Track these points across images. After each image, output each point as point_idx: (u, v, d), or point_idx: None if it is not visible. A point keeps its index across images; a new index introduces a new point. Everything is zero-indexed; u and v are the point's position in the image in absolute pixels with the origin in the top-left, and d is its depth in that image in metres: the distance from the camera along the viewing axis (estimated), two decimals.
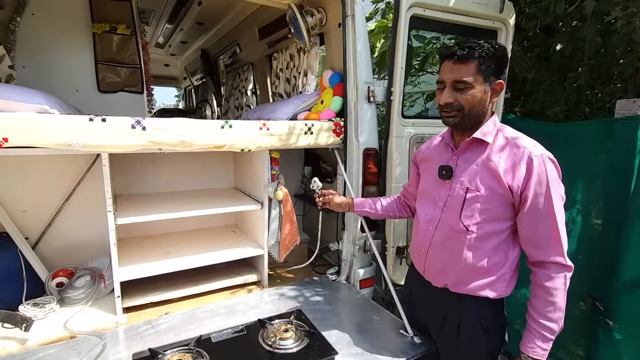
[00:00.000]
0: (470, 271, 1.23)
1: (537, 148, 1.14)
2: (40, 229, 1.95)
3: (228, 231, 2.45)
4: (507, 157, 1.16)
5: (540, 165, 1.11)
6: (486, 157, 1.19)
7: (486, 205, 1.18)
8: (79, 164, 1.99)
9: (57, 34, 2.67)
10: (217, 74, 4.77)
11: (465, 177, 1.23)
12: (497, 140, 1.20)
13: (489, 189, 1.17)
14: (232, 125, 1.71)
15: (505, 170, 1.15)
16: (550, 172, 1.11)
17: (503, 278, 1.22)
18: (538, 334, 1.14)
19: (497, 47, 1.16)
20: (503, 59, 1.18)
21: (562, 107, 2.45)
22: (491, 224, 1.19)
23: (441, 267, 1.30)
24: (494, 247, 1.20)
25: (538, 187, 1.11)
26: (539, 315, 1.14)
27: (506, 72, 1.21)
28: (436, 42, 3.01)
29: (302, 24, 2.23)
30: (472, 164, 1.22)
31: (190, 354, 1.31)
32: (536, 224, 1.13)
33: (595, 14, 2.07)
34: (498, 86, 1.18)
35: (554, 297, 1.11)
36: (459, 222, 1.23)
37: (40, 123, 1.35)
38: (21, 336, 1.50)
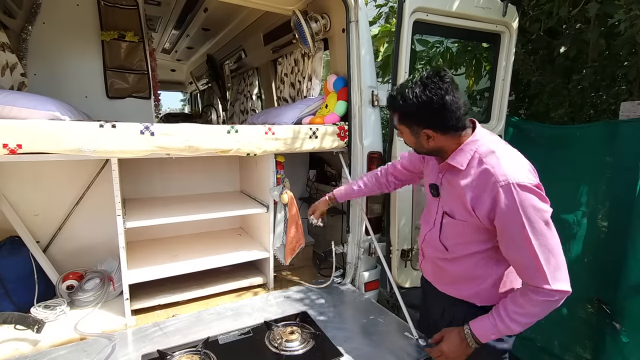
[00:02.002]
0: (452, 282, 1.31)
1: (507, 175, 1.05)
2: (51, 233, 1.99)
3: (234, 234, 2.48)
4: (476, 185, 1.12)
5: (506, 195, 1.04)
6: (459, 183, 1.17)
7: (460, 230, 1.20)
8: (88, 169, 2.03)
9: (67, 42, 2.73)
10: (222, 78, 4.82)
11: (446, 200, 1.25)
12: (472, 165, 1.15)
13: (462, 216, 1.18)
14: (238, 130, 1.74)
15: (473, 199, 1.13)
16: (522, 200, 1.03)
17: (485, 289, 1.23)
18: (493, 321, 1.13)
19: (417, 99, 1.11)
20: (422, 112, 1.12)
21: (567, 110, 2.44)
22: (468, 246, 1.21)
23: (431, 272, 1.40)
24: (474, 263, 1.22)
25: (507, 217, 1.05)
26: (508, 312, 1.11)
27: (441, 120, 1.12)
28: (439, 46, 3.02)
29: (307, 29, 2.26)
30: (450, 188, 1.23)
31: (198, 355, 1.34)
32: (514, 254, 1.10)
33: (599, 16, 2.07)
34: (426, 133, 1.16)
35: (532, 307, 1.07)
36: (439, 241, 1.29)
37: (52, 130, 1.39)
38: (33, 337, 1.53)
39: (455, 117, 1.12)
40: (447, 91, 1.09)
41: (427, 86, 1.10)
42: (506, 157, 1.11)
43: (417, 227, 2.08)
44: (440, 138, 1.16)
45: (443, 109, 1.10)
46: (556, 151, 2.09)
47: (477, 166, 1.13)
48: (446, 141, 1.17)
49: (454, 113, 1.11)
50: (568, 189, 1.99)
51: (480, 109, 3.13)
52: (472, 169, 1.14)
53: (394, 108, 1.21)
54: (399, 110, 1.19)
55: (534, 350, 2.14)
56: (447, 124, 1.13)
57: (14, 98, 1.43)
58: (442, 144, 1.18)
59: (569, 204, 1.97)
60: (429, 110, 1.11)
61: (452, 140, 1.18)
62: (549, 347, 2.08)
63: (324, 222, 1.86)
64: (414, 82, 1.13)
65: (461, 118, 1.13)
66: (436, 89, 1.09)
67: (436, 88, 1.09)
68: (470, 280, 1.24)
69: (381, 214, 2.15)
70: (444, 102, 1.09)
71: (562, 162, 2.06)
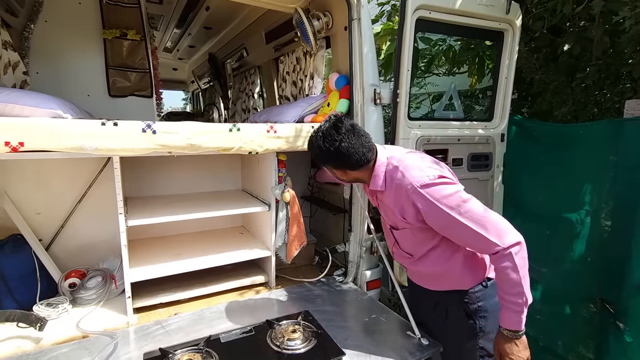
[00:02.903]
0: (433, 279, 1.45)
1: (412, 182, 1.23)
2: (53, 231, 1.99)
3: (236, 233, 2.48)
4: (397, 199, 1.31)
5: (420, 198, 1.22)
6: (386, 201, 1.38)
7: (409, 235, 1.39)
8: (90, 167, 2.03)
9: (69, 41, 2.73)
10: (224, 77, 4.82)
11: (386, 216, 1.46)
12: (388, 183, 1.34)
13: (402, 225, 1.36)
14: (240, 128, 1.73)
15: (401, 211, 1.31)
16: (432, 195, 1.20)
17: (462, 275, 1.37)
18: (508, 309, 1.22)
19: (319, 148, 1.32)
20: (328, 158, 1.34)
21: (570, 108, 2.43)
22: (424, 245, 1.37)
23: (417, 277, 1.56)
24: (436, 258, 1.37)
25: (431, 213, 1.21)
26: (503, 293, 1.23)
27: (345, 162, 1.33)
28: (442, 44, 3.01)
29: (309, 27, 2.25)
30: (384, 206, 1.42)
31: (200, 353, 1.34)
32: (458, 237, 1.25)
33: (604, 13, 2.06)
34: (339, 171, 1.38)
35: (508, 275, 1.17)
36: (401, 250, 1.49)
37: (54, 127, 1.38)
38: (35, 335, 1.53)
39: (355, 158, 1.31)
40: (342, 140, 1.28)
41: (325, 138, 1.31)
42: (407, 167, 1.29)
43: None
44: (351, 172, 1.37)
45: (340, 154, 1.29)
46: (559, 150, 2.08)
47: (390, 183, 1.33)
48: (358, 173, 1.38)
49: (353, 156, 1.30)
50: (571, 187, 1.98)
51: (482, 107, 3.12)
52: (388, 186, 1.34)
53: (310, 151, 1.42)
54: (312, 154, 1.41)
55: (536, 349, 2.13)
56: (350, 164, 1.32)
57: (17, 96, 1.43)
58: (356, 176, 1.40)
59: (572, 203, 1.96)
60: (331, 156, 1.32)
61: (362, 172, 1.38)
62: (552, 347, 2.07)
63: None
64: (317, 133, 1.34)
65: (362, 157, 1.32)
66: (331, 141, 1.29)
67: (331, 140, 1.29)
68: (446, 272, 1.39)
69: None
70: (339, 148, 1.28)
71: (566, 160, 2.05)
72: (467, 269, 1.37)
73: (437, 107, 3.32)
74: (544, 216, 2.09)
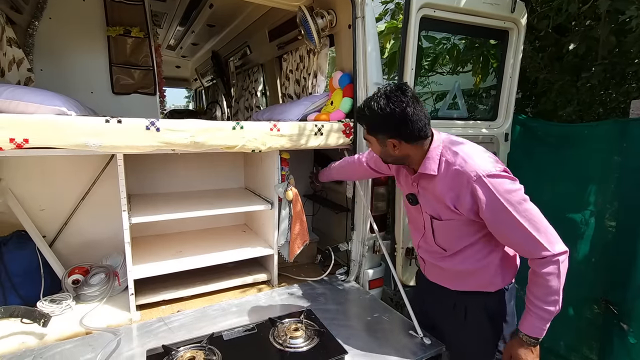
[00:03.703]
0: (460, 277, 1.37)
1: (476, 169, 1.16)
2: (57, 227, 2.00)
3: (238, 231, 2.48)
4: (452, 186, 1.22)
5: (482, 188, 1.15)
6: (435, 188, 1.27)
7: (452, 228, 1.29)
8: (94, 164, 2.03)
9: (73, 38, 2.73)
10: (227, 75, 4.82)
11: (427, 205, 1.34)
12: (442, 168, 1.25)
13: (448, 216, 1.27)
14: (243, 126, 1.73)
15: (453, 199, 1.22)
16: (496, 187, 1.14)
17: (494, 276, 1.32)
18: (536, 315, 1.19)
19: (381, 111, 1.19)
20: (386, 122, 1.21)
21: (575, 108, 2.42)
22: (463, 239, 1.30)
23: (437, 274, 1.46)
24: (473, 254, 1.30)
25: (490, 206, 1.15)
26: (536, 299, 1.18)
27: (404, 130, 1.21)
28: (446, 43, 3.00)
29: (313, 25, 2.25)
30: (428, 193, 1.33)
31: (202, 351, 1.34)
32: (508, 236, 1.19)
33: (610, 12, 2.04)
34: (392, 142, 1.25)
35: (548, 282, 1.14)
36: (434, 244, 1.38)
37: (58, 125, 1.39)
38: (39, 331, 1.54)
39: (417, 127, 1.21)
40: (408, 104, 1.18)
41: (389, 99, 1.19)
42: (470, 154, 1.21)
43: None
44: (405, 146, 1.26)
45: (405, 119, 1.19)
46: (564, 150, 2.07)
47: (446, 168, 1.23)
48: (411, 150, 1.27)
49: (416, 124, 1.20)
50: (576, 188, 1.97)
51: (486, 106, 3.10)
52: (443, 172, 1.24)
53: (361, 120, 1.32)
54: (365, 122, 1.30)
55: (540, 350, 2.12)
56: (410, 133, 1.22)
57: (21, 93, 1.43)
58: (407, 152, 1.28)
59: (576, 203, 1.95)
60: (392, 121, 1.20)
61: (417, 149, 1.27)
62: (555, 348, 2.06)
63: None
64: (378, 95, 1.23)
65: (423, 128, 1.22)
66: (398, 102, 1.18)
67: (398, 101, 1.18)
68: (477, 270, 1.32)
69: (386, 211, 2.15)
70: (404, 113, 1.18)
71: (570, 160, 2.03)
72: (500, 270, 1.31)
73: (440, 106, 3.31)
74: (548, 216, 2.07)
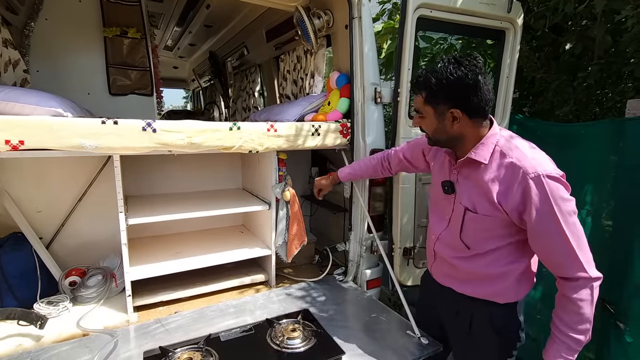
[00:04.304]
0: (472, 280, 1.26)
1: (536, 166, 1.06)
2: (53, 229, 2.00)
3: (236, 232, 2.48)
4: (503, 179, 1.11)
5: (537, 187, 1.04)
6: (482, 178, 1.15)
7: (485, 225, 1.17)
8: (91, 165, 2.03)
9: (69, 39, 2.72)
10: (224, 75, 4.81)
11: (465, 195, 1.21)
12: (494, 159, 1.13)
13: (487, 211, 1.15)
14: (240, 127, 1.73)
15: (500, 193, 1.11)
16: (553, 191, 1.03)
17: (509, 286, 1.21)
18: (563, 344, 1.10)
19: (450, 75, 1.09)
20: (454, 88, 1.10)
21: (572, 107, 2.42)
22: (491, 241, 1.19)
23: (446, 273, 1.36)
24: (495, 260, 1.20)
25: (539, 209, 1.04)
26: (565, 326, 1.10)
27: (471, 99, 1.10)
28: (443, 43, 3.00)
29: (309, 26, 2.25)
30: (470, 183, 1.20)
31: (199, 352, 1.34)
32: (548, 246, 1.09)
33: (606, 12, 2.05)
34: (453, 114, 1.13)
35: (580, 308, 1.06)
36: (458, 239, 1.25)
37: (54, 126, 1.38)
38: (36, 333, 1.53)
39: (484, 99, 1.10)
40: (481, 71, 1.09)
41: (461, 64, 1.09)
42: (530, 150, 1.11)
43: (419, 226, 2.07)
44: (465, 122, 1.14)
45: (476, 86, 1.08)
46: (561, 149, 2.07)
47: (499, 160, 1.12)
48: (469, 128, 1.15)
49: (485, 95, 1.10)
50: (572, 187, 1.96)
51: None
52: (494, 162, 1.13)
53: (424, 85, 1.16)
54: (429, 88, 1.15)
55: (537, 350, 2.13)
56: (477, 105, 1.11)
57: (17, 94, 1.43)
58: (464, 131, 1.15)
59: None
60: (461, 86, 1.09)
61: (473, 130, 1.15)
62: None
63: None
64: (445, 62, 1.12)
65: (489, 102, 1.12)
66: (471, 66, 1.08)
67: (471, 65, 1.08)
68: (494, 277, 1.21)
69: (383, 211, 2.15)
70: (477, 80, 1.08)
71: (567, 160, 2.02)
72: (517, 283, 1.21)
73: None
74: None
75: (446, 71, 1.10)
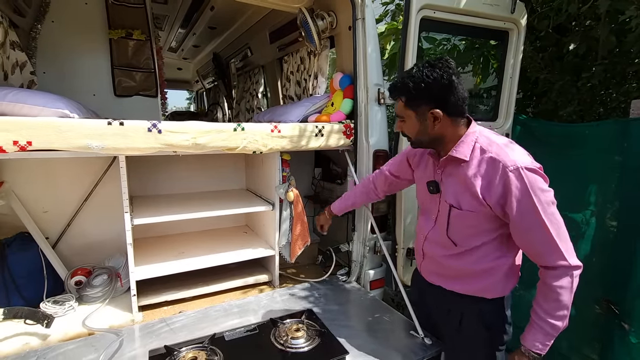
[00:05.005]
0: (461, 277, 1.31)
1: (515, 160, 1.11)
2: (59, 229, 2.02)
3: (240, 232, 2.49)
4: (484, 173, 1.16)
5: (517, 179, 1.09)
6: (464, 174, 1.20)
7: (470, 221, 1.22)
8: (96, 166, 2.05)
9: (75, 41, 2.75)
10: (228, 77, 4.84)
11: (449, 193, 1.26)
12: (475, 155, 1.19)
13: (471, 207, 1.19)
14: (244, 127, 1.74)
15: (482, 187, 1.16)
16: (531, 183, 1.08)
17: (497, 281, 1.26)
18: (541, 330, 1.14)
19: (427, 78, 1.15)
20: (432, 89, 1.15)
21: (576, 108, 2.41)
22: (477, 237, 1.23)
23: (434, 271, 1.40)
24: (483, 256, 1.24)
25: (519, 201, 1.09)
26: (544, 312, 1.14)
27: (449, 98, 1.16)
28: (447, 44, 3.00)
29: (313, 27, 2.26)
30: (454, 180, 1.25)
31: (204, 351, 1.35)
32: (529, 236, 1.14)
33: (610, 13, 2.04)
34: (434, 114, 1.18)
35: (560, 295, 1.11)
36: (445, 237, 1.29)
37: (61, 127, 1.40)
38: (43, 332, 1.55)
39: (461, 98, 1.17)
40: (454, 71, 1.15)
41: (435, 66, 1.16)
42: (507, 145, 1.17)
43: None
44: (445, 121, 1.19)
45: (451, 86, 1.14)
46: (565, 150, 2.07)
47: (480, 156, 1.17)
48: (449, 128, 1.21)
49: (460, 94, 1.17)
50: (577, 188, 1.97)
51: (487, 107, 3.10)
52: (475, 159, 1.18)
53: (402, 91, 1.22)
54: (406, 91, 1.20)
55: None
56: (454, 104, 1.17)
57: (25, 96, 1.45)
58: (445, 131, 1.21)
59: (577, 204, 1.94)
60: (438, 87, 1.15)
61: (453, 129, 1.22)
62: (556, 348, 2.05)
63: None
64: (421, 66, 1.19)
65: (465, 101, 1.19)
66: (444, 68, 1.15)
67: (444, 67, 1.15)
68: (482, 273, 1.26)
69: (387, 212, 2.15)
70: (452, 80, 1.14)
71: (571, 160, 2.03)
72: (504, 278, 1.25)
73: None
74: None
75: (422, 74, 1.16)
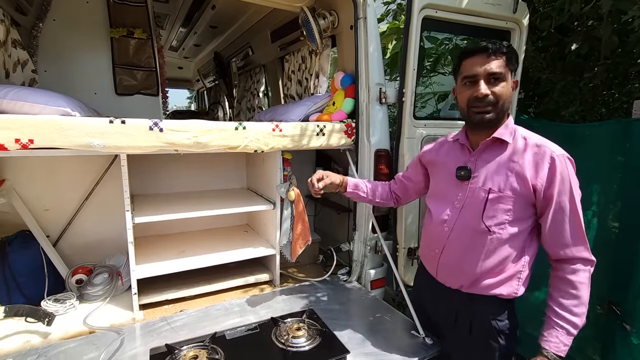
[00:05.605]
0: (486, 270, 1.24)
1: (556, 147, 1.18)
2: (60, 227, 2.02)
3: (241, 231, 2.49)
4: (529, 157, 1.17)
5: (562, 165, 1.13)
6: (507, 157, 1.21)
7: (510, 205, 1.18)
8: (98, 164, 2.05)
9: (77, 39, 2.76)
10: (229, 76, 4.84)
11: (486, 177, 1.22)
12: (516, 140, 1.21)
13: (512, 190, 1.18)
14: (245, 126, 1.74)
15: (529, 170, 1.16)
16: (571, 172, 1.15)
17: (518, 276, 1.23)
18: (561, 328, 1.12)
19: (511, 47, 1.22)
20: (517, 59, 1.23)
21: (578, 108, 2.41)
22: (514, 224, 1.19)
23: (456, 267, 1.30)
24: (514, 246, 1.21)
25: (562, 186, 1.13)
26: (563, 309, 1.12)
27: None
28: (448, 43, 2.99)
29: (315, 26, 2.26)
30: (493, 165, 1.23)
31: (205, 350, 1.35)
32: (562, 223, 1.14)
33: (612, 13, 2.04)
34: (515, 84, 1.24)
35: (578, 290, 1.11)
36: (480, 222, 1.22)
37: (63, 125, 1.40)
38: (44, 330, 1.55)
39: None
40: None
41: None
42: (543, 138, 1.22)
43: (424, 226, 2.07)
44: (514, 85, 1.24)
45: None
46: (566, 150, 2.06)
47: (524, 141, 1.20)
48: None
49: None
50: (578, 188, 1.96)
51: None
52: (519, 144, 1.21)
53: (503, 50, 1.18)
54: (510, 51, 1.19)
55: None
56: None
57: (26, 94, 1.45)
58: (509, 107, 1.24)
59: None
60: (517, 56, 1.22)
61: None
62: None
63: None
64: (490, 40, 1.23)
65: None
66: None
67: None
68: (506, 266, 1.21)
69: (388, 212, 2.15)
70: None
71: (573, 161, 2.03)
72: (521, 275, 1.23)
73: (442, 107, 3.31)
74: None
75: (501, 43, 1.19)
